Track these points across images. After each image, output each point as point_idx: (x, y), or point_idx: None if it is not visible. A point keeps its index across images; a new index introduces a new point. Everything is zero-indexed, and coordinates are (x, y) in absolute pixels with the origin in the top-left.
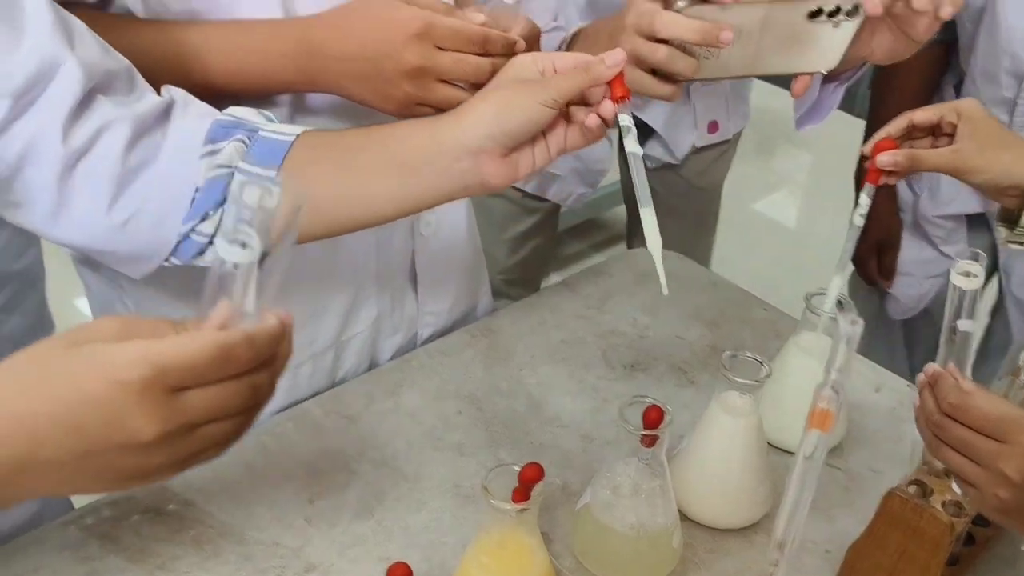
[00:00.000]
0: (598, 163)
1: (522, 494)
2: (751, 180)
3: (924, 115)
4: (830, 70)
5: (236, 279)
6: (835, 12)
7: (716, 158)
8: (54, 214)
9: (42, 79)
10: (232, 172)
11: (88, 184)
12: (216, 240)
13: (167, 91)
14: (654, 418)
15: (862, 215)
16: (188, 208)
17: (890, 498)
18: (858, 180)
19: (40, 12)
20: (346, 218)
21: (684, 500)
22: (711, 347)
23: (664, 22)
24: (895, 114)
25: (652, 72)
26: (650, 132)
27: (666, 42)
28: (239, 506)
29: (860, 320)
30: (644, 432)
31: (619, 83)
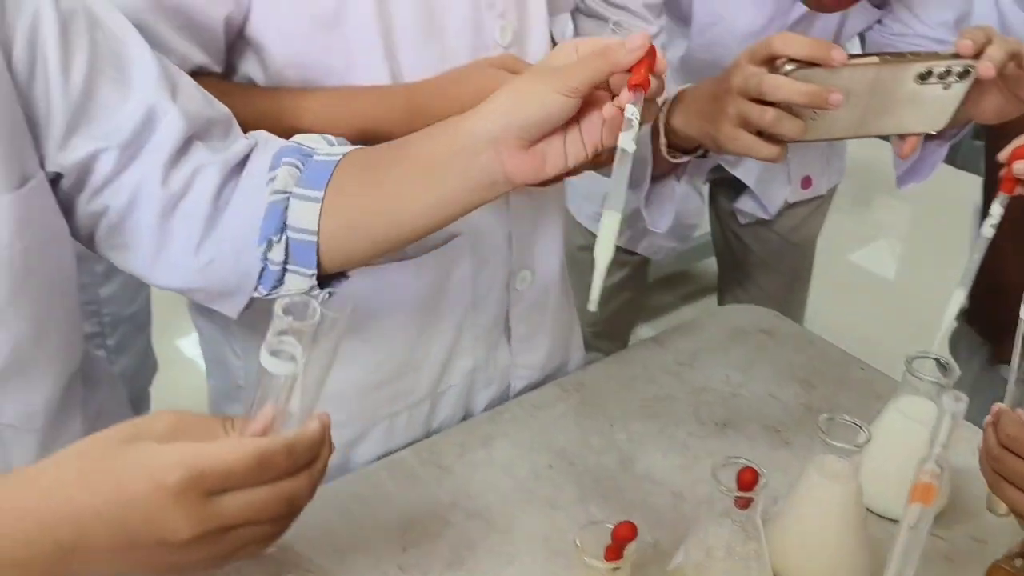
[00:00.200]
0: (689, 218)
1: (615, 552)
2: (846, 231)
3: None
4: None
5: (279, 386)
6: (945, 75)
7: (810, 213)
8: (155, 256)
9: (147, 129)
10: (288, 197)
11: (184, 226)
12: (261, 351)
13: (253, 135)
14: (749, 480)
15: (992, 226)
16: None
17: (995, 571)
18: (987, 192)
19: (147, 66)
20: (384, 236)
21: (779, 565)
22: (806, 407)
23: (772, 85)
24: None
25: (758, 133)
26: (742, 187)
27: (773, 104)
28: (335, 551)
29: (964, 397)
30: (738, 494)
31: (639, 70)
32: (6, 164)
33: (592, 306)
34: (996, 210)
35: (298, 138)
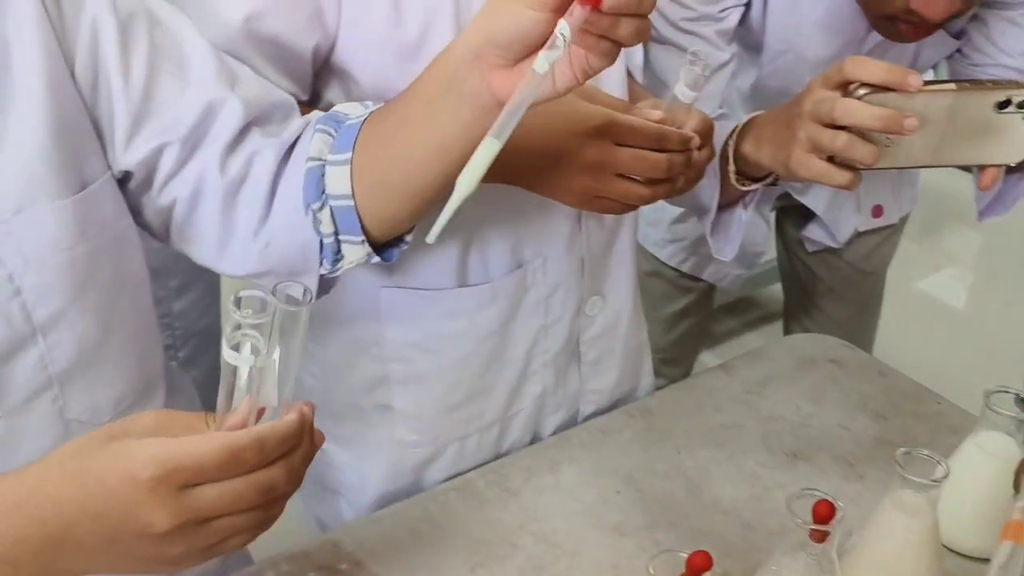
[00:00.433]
0: (756, 245)
1: None
2: (916, 258)
3: None
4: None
5: (243, 378)
6: None
7: (881, 242)
8: (222, 245)
9: (206, 120)
10: (323, 164)
11: (246, 211)
12: (222, 345)
13: (309, 115)
14: (825, 513)
15: None
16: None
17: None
18: None
19: (204, 60)
20: (404, 187)
21: None
22: (878, 440)
23: (845, 109)
24: None
25: (829, 160)
26: (810, 215)
27: (846, 129)
28: (405, 570)
29: None
30: (815, 527)
31: None
32: (66, 170)
33: (430, 238)
34: None
35: (338, 107)
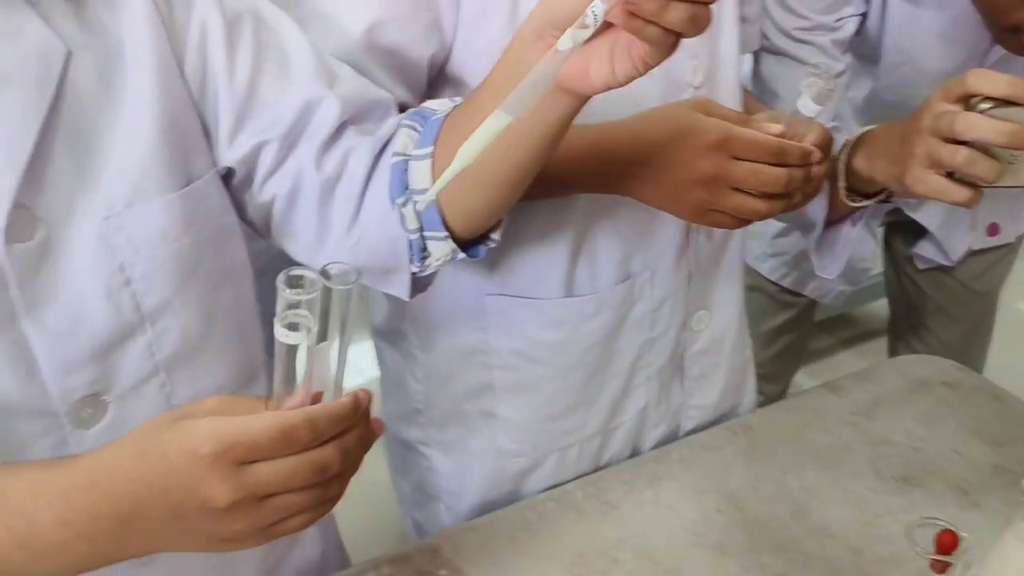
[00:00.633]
0: (863, 261)
1: None
2: None
3: None
4: None
5: (295, 358)
6: None
7: (995, 261)
8: (318, 241)
9: (304, 118)
10: (407, 159)
11: (341, 208)
12: (274, 324)
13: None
14: (949, 543)
15: None
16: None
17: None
18: None
19: (305, 59)
20: (481, 179)
21: None
22: (996, 467)
23: (967, 123)
24: None
25: (948, 175)
26: (921, 231)
27: (967, 144)
28: None
29: None
30: (936, 557)
31: None
32: (174, 165)
33: (421, 206)
34: None
35: (427, 103)
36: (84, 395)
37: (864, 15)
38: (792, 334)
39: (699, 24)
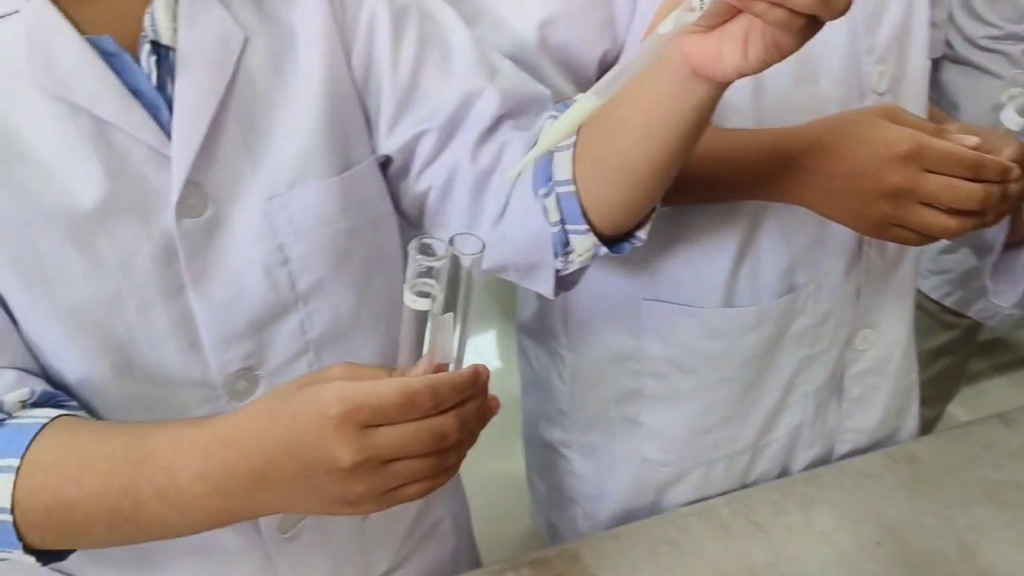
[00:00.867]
0: None
1: None
2: None
3: None
4: None
5: (423, 324)
6: None
7: None
8: None
9: (463, 110)
10: (551, 152)
11: (492, 202)
12: (404, 291)
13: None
14: None
15: None
16: None
17: None
18: None
19: (467, 52)
20: (616, 167)
21: None
22: None
23: None
24: None
25: None
26: None
27: None
28: None
29: None
30: None
31: None
32: (335, 151)
33: (504, 185)
34: None
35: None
36: (239, 368)
37: None
38: (952, 356)
39: (834, 7)
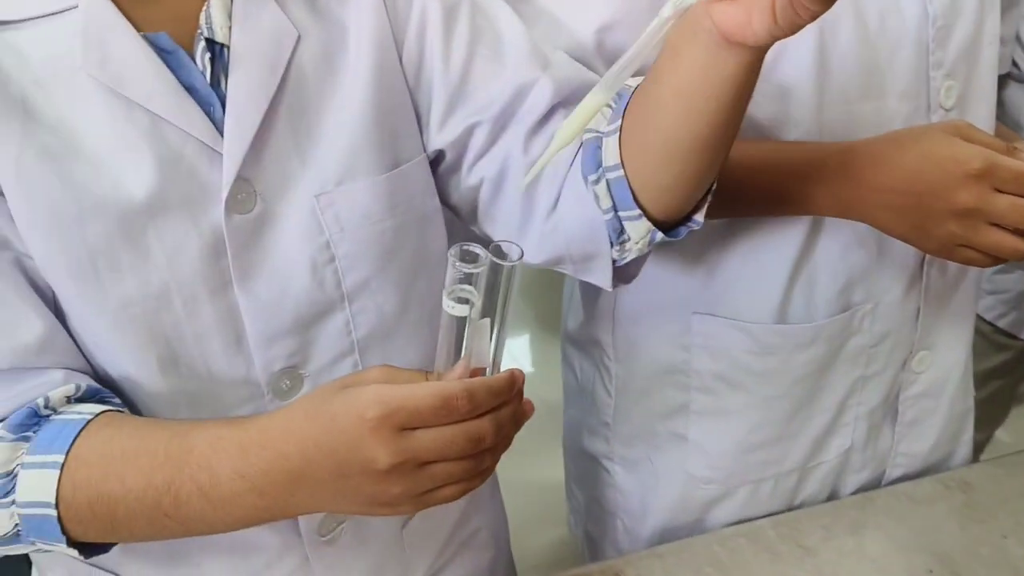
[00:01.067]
0: None
1: None
2: None
3: None
4: None
5: (461, 330)
6: None
7: None
8: (522, 227)
9: (516, 101)
10: (600, 137)
11: (545, 191)
12: (443, 298)
13: None
14: None
15: None
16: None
17: None
18: None
19: (519, 43)
20: (660, 146)
21: None
22: None
23: None
24: None
25: None
26: None
27: None
28: None
29: None
30: None
31: None
32: (383, 148)
33: (522, 187)
34: None
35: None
36: (284, 367)
37: None
38: (1004, 379)
39: None
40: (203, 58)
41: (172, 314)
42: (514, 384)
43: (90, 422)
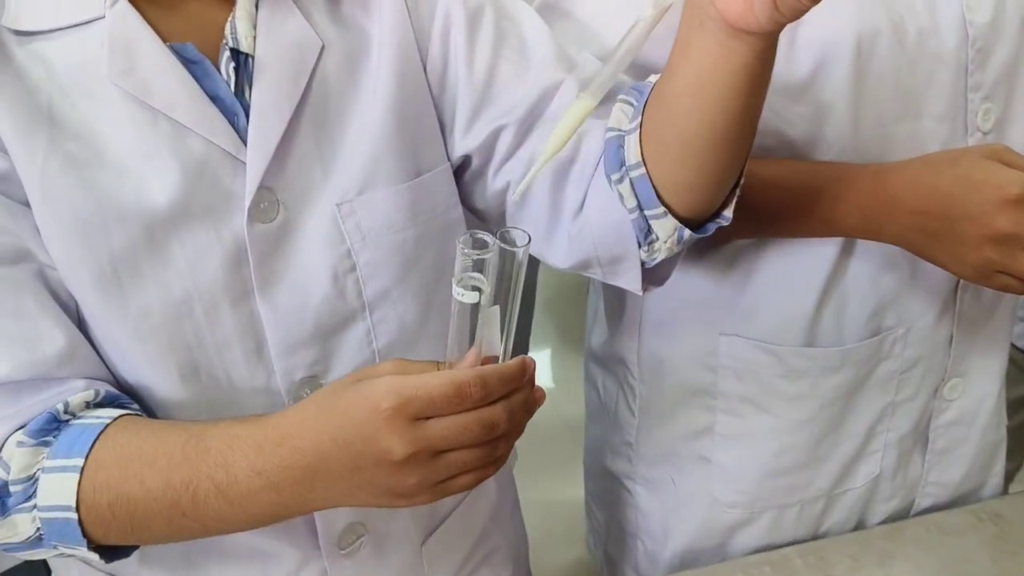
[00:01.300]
0: None
1: None
2: None
3: None
4: None
5: (471, 317)
6: None
7: None
8: (549, 229)
9: (542, 102)
10: (622, 135)
11: (572, 192)
12: (452, 286)
13: None
14: None
15: None
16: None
17: None
18: None
19: (544, 45)
20: (676, 140)
21: None
22: None
23: None
24: None
25: None
26: None
27: None
28: None
29: None
30: None
31: None
32: (405, 157)
33: (516, 196)
34: None
35: (650, 77)
36: (304, 376)
37: None
38: None
39: None
40: (228, 68)
41: (193, 322)
42: (525, 370)
43: (109, 426)
